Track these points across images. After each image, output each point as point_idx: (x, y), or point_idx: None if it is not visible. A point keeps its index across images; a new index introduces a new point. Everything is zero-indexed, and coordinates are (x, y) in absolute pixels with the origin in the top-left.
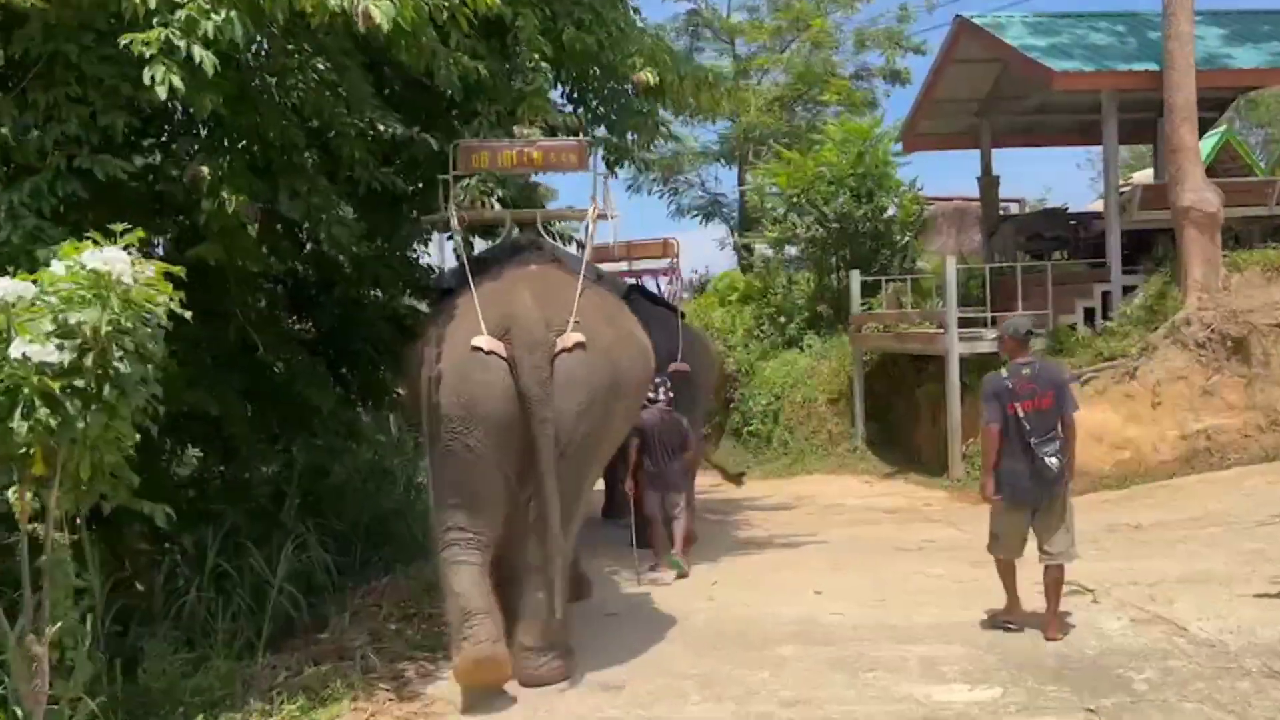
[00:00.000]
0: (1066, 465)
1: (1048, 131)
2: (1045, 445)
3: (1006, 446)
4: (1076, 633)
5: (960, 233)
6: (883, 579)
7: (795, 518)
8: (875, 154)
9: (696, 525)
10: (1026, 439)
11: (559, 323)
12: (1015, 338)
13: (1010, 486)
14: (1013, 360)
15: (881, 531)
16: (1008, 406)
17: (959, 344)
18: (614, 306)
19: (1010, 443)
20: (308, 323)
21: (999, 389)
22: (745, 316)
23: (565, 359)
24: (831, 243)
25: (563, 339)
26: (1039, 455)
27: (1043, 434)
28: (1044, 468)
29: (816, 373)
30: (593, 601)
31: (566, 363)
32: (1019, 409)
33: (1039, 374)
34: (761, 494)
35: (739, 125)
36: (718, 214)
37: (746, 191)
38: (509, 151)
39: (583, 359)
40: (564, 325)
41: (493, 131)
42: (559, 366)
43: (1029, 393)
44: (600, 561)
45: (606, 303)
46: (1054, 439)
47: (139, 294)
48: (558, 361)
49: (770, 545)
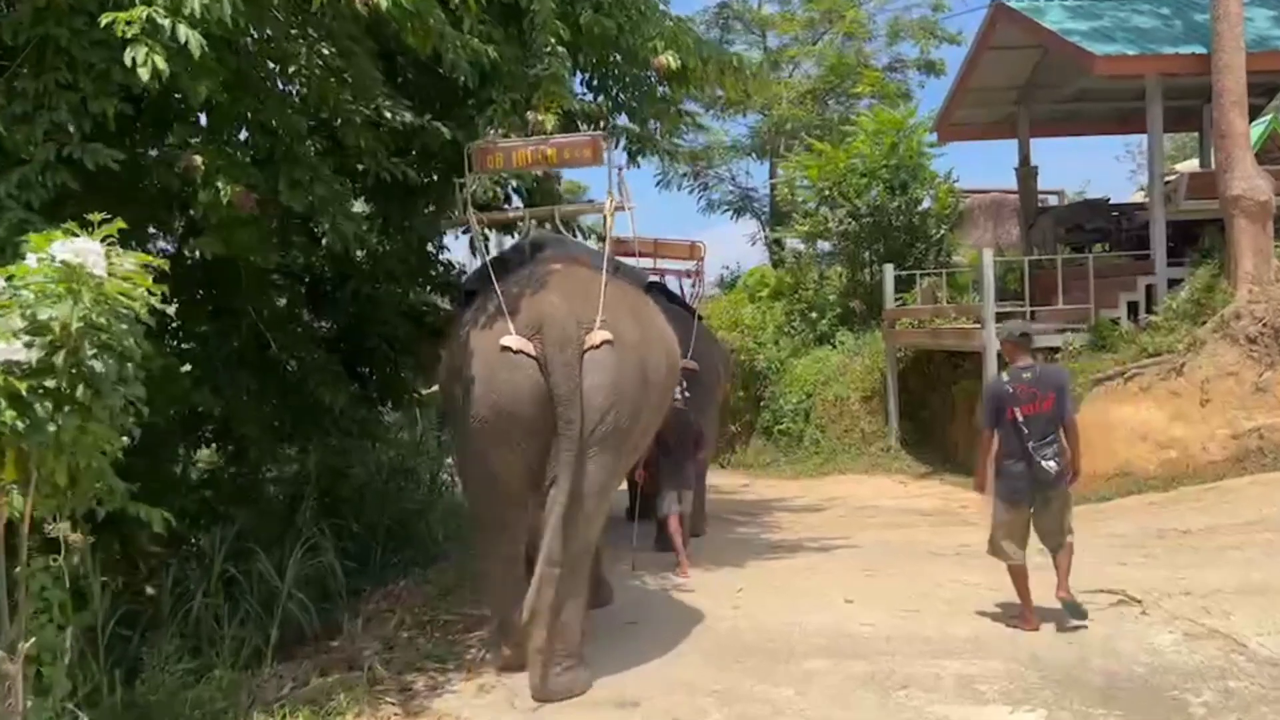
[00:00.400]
0: (1066, 467)
1: (1088, 120)
2: (1044, 449)
3: (1006, 449)
4: (1125, 648)
5: (997, 226)
6: (916, 587)
7: (826, 520)
8: (909, 145)
9: (720, 527)
10: (1025, 442)
11: (587, 320)
12: (1012, 341)
13: (1009, 489)
14: (1013, 364)
15: (916, 535)
16: (1007, 410)
17: (996, 340)
18: (639, 301)
19: (1009, 445)
20: (328, 320)
21: (999, 393)
22: (776, 313)
23: (594, 355)
24: (864, 236)
25: (590, 336)
26: (1036, 458)
27: (1041, 437)
28: (1041, 470)
29: (849, 370)
30: (612, 608)
31: (595, 360)
32: (1018, 413)
33: (1040, 378)
34: (792, 495)
35: (770, 118)
36: (749, 209)
37: (777, 185)
38: (523, 150)
39: (611, 355)
40: (591, 322)
41: (508, 119)
42: (587, 364)
43: (1029, 396)
44: (622, 566)
45: (631, 297)
46: (1052, 442)
47: (114, 288)
48: (586, 359)
49: (800, 549)
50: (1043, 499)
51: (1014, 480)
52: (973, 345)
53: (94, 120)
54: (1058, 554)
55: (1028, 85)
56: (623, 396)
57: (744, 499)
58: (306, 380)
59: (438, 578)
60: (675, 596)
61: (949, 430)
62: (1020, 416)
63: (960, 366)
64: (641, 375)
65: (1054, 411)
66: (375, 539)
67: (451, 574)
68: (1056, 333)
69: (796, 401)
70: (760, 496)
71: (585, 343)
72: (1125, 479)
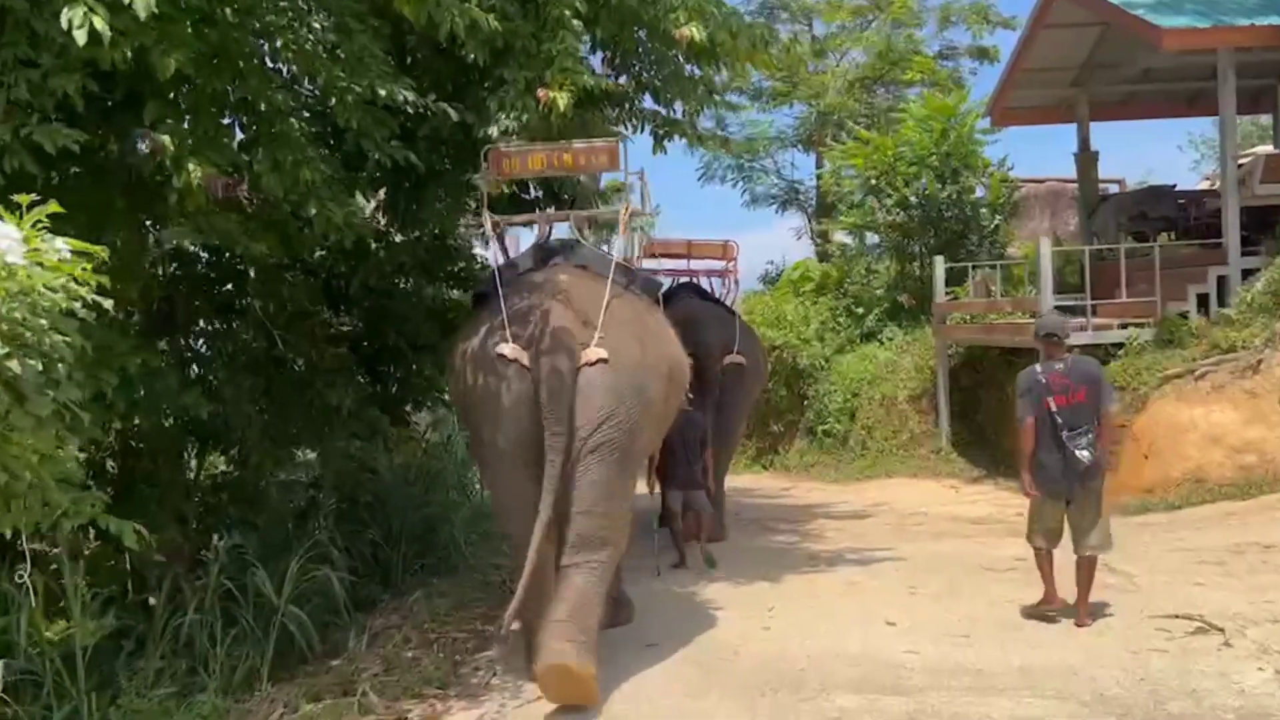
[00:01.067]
0: (1101, 458)
1: (1152, 102)
2: (1078, 439)
3: (1041, 440)
4: (1206, 687)
5: (1054, 216)
6: (967, 608)
7: (870, 529)
8: (960, 131)
9: (757, 535)
10: (1059, 433)
11: (584, 335)
12: (1044, 336)
13: (1044, 479)
14: (1047, 357)
15: (967, 547)
16: (1043, 401)
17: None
18: (644, 314)
19: (1044, 436)
20: (345, 318)
21: (1033, 384)
22: (820, 308)
23: (587, 373)
24: (914, 228)
25: (586, 353)
26: (1070, 448)
27: (1075, 428)
28: (1075, 460)
29: (897, 368)
30: (633, 627)
31: (589, 376)
32: (1052, 404)
33: (1072, 369)
34: (836, 500)
35: (816, 108)
36: (794, 202)
37: (822, 175)
38: (540, 155)
39: (605, 373)
40: (589, 338)
41: (522, 99)
42: (581, 380)
43: (1062, 388)
44: (647, 583)
45: (636, 311)
46: (1087, 433)
47: (40, 279)
48: (580, 375)
49: (840, 561)
50: (1080, 490)
51: (1049, 471)
52: (1029, 341)
53: (59, 99)
54: (1083, 565)
55: (1087, 65)
56: (616, 413)
57: (784, 504)
58: (315, 381)
59: (454, 589)
60: (701, 615)
61: (1003, 432)
62: (1054, 407)
63: (1016, 364)
64: (638, 392)
65: (1089, 403)
66: (396, 546)
67: (468, 585)
68: (1119, 328)
69: (842, 401)
70: (801, 501)
71: (580, 359)
72: (1197, 486)
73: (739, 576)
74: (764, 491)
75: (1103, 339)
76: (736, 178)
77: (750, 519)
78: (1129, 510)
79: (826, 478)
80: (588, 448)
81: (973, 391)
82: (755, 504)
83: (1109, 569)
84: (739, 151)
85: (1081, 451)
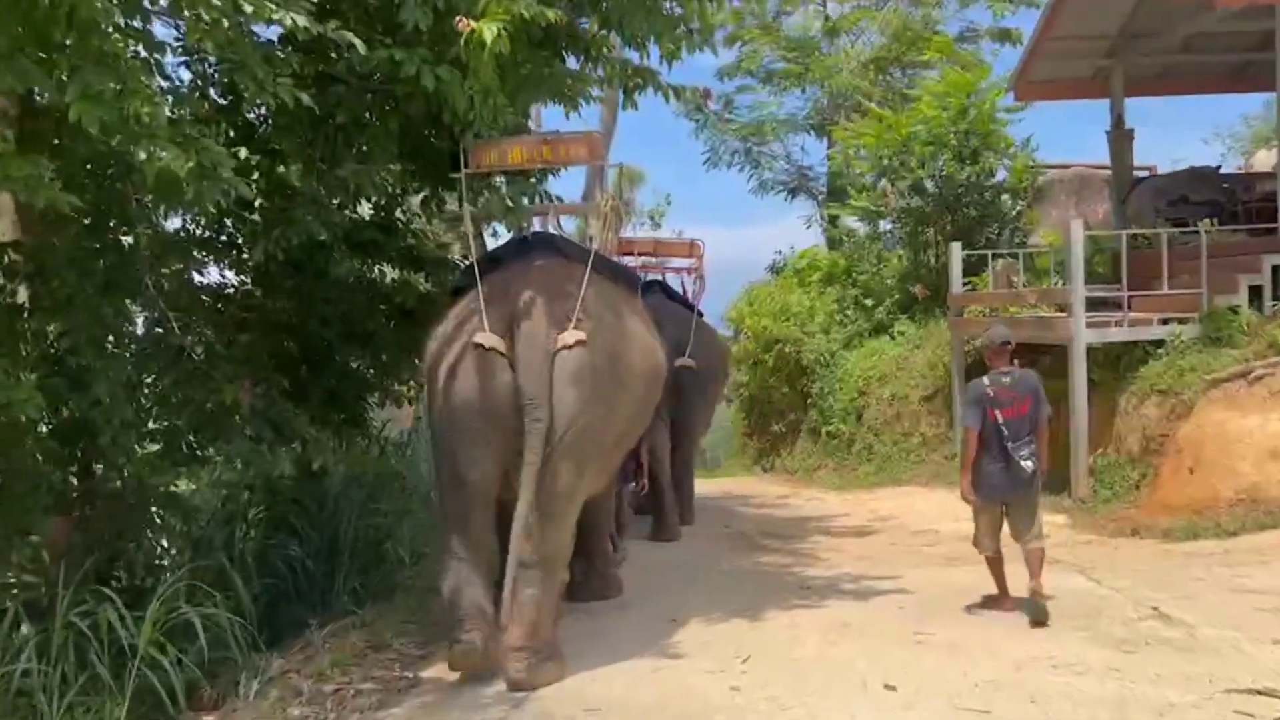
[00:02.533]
0: (1039, 467)
1: (1195, 76)
2: (1022, 448)
3: (987, 450)
4: None
5: (1080, 204)
6: (987, 667)
7: (874, 548)
8: (981, 108)
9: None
10: (1004, 443)
11: (560, 320)
12: (994, 347)
13: (988, 485)
14: (993, 368)
15: (985, 577)
16: (988, 412)
17: (1087, 331)
18: (622, 303)
19: (989, 446)
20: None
21: (981, 396)
22: (827, 299)
23: (565, 356)
24: (929, 212)
25: (563, 337)
26: (1015, 457)
27: (1019, 438)
28: (1019, 469)
29: (908, 364)
30: (568, 688)
31: (566, 360)
32: (999, 415)
33: (1018, 382)
34: (837, 512)
35: (828, 90)
36: (804, 189)
37: (831, 155)
38: (518, 148)
39: (582, 357)
40: (565, 323)
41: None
42: (558, 364)
43: (1009, 400)
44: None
45: (614, 299)
46: (1030, 443)
47: None
48: (557, 359)
49: (834, 593)
50: (1019, 496)
51: (992, 478)
52: (1057, 337)
53: None
54: (1029, 553)
55: (1123, 34)
56: (593, 399)
57: (780, 515)
58: (213, 372)
59: (385, 616)
60: (657, 671)
61: None
62: (1001, 419)
63: (1039, 362)
64: (616, 379)
65: (1030, 414)
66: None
67: (404, 611)
68: (1160, 323)
69: (848, 400)
70: (799, 513)
71: (557, 344)
72: (1253, 507)
73: (714, 610)
74: (760, 499)
75: (1140, 336)
76: (744, 163)
77: (740, 531)
78: (1174, 535)
79: (830, 484)
80: (567, 437)
81: None
82: (749, 514)
83: (1162, 618)
84: (746, 135)
85: (1025, 461)
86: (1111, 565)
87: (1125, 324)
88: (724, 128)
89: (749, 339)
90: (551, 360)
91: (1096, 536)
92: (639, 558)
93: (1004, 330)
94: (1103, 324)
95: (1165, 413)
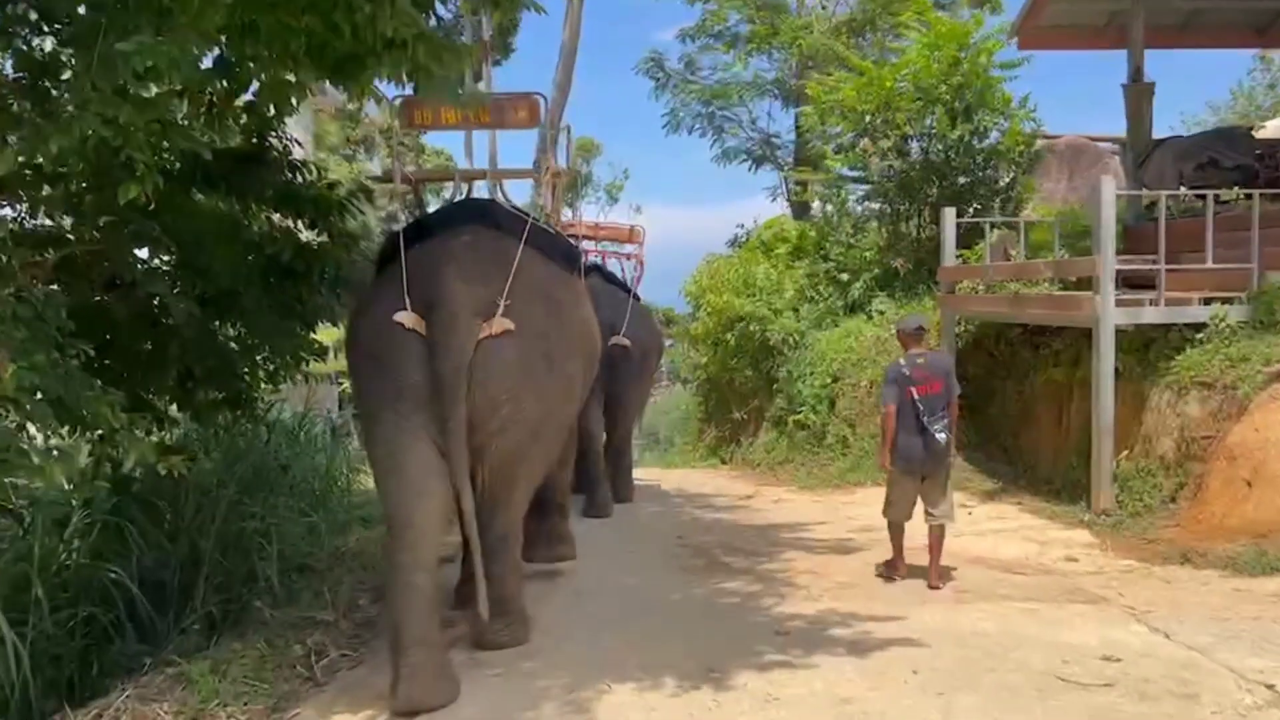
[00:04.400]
0: (950, 440)
1: (1216, 28)
2: (936, 423)
3: (904, 425)
4: None
5: (1074, 176)
6: None
7: (861, 573)
8: (975, 60)
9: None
10: (921, 418)
11: (488, 303)
12: (909, 333)
13: (905, 458)
14: (908, 351)
15: (1017, 624)
16: (905, 391)
17: (1116, 311)
18: (555, 280)
19: (907, 421)
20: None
21: (899, 376)
22: (796, 273)
23: (489, 345)
24: (914, 177)
25: (488, 324)
26: (930, 431)
27: (933, 413)
28: (934, 441)
29: (888, 347)
30: None
31: (489, 349)
32: (915, 393)
33: (931, 363)
34: (809, 519)
35: (795, 53)
36: (770, 158)
37: (803, 114)
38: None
39: (508, 345)
40: (493, 308)
41: None
42: (482, 352)
43: (923, 379)
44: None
45: (547, 276)
46: (943, 418)
47: None
48: (480, 347)
49: (820, 645)
50: (934, 467)
51: (910, 451)
52: (1077, 318)
53: None
54: (933, 533)
55: None
56: (521, 390)
57: (743, 522)
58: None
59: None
60: None
61: (1024, 433)
62: (916, 395)
63: (1045, 347)
64: (547, 363)
65: (943, 393)
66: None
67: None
68: (1201, 303)
69: (819, 386)
70: (766, 518)
71: (482, 330)
72: None
73: (660, 671)
74: (721, 498)
75: (1177, 318)
76: (706, 127)
77: (697, 543)
78: (1241, 566)
79: (798, 481)
80: (494, 424)
81: (984, 382)
82: (707, 521)
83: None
84: (709, 98)
85: (939, 434)
86: (1175, 609)
87: (1161, 303)
88: (686, 89)
89: (709, 316)
90: (475, 349)
91: (1137, 562)
92: (572, 578)
93: (918, 318)
94: (1134, 303)
95: (1210, 411)
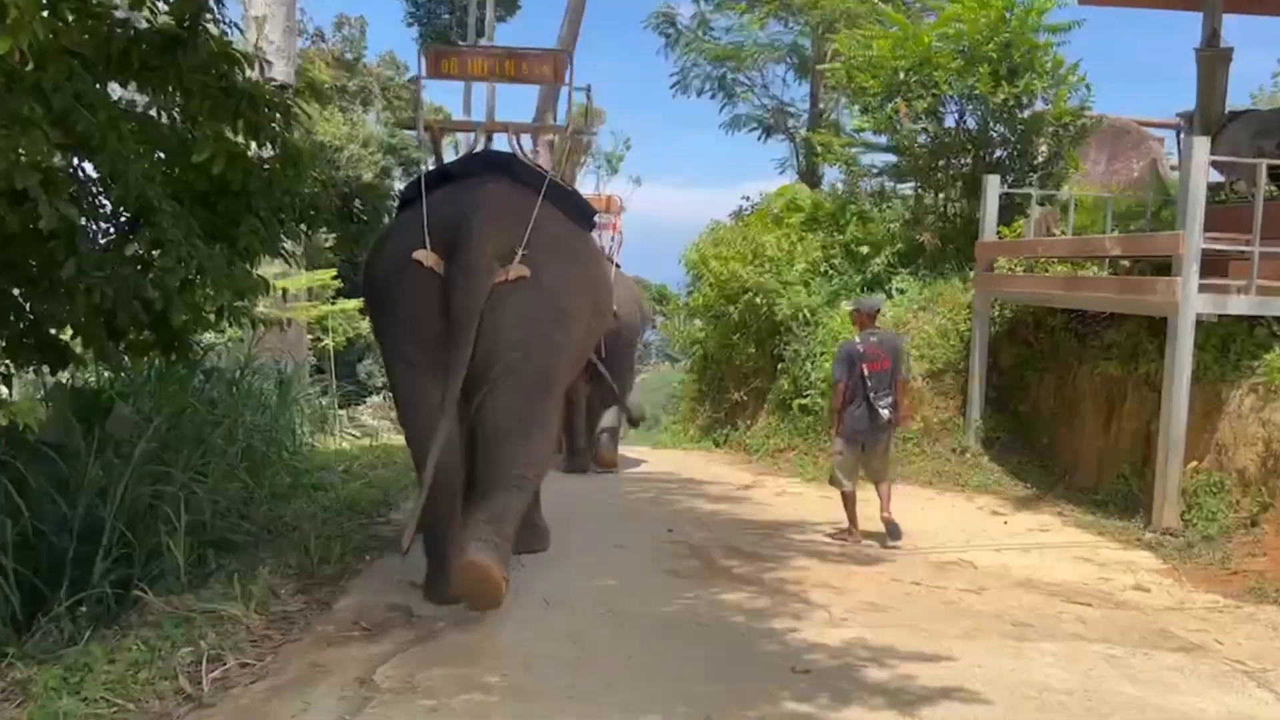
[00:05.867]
0: (895, 416)
1: None
2: (882, 398)
3: (852, 398)
4: None
5: (1114, 159)
6: None
7: (888, 589)
8: (1024, 16)
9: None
10: (868, 393)
11: (506, 250)
12: (866, 312)
13: (851, 429)
14: (862, 330)
15: (1095, 671)
16: (858, 366)
17: (1198, 297)
18: (571, 235)
19: (855, 395)
20: None
21: (853, 353)
22: (810, 244)
23: (504, 290)
24: (949, 144)
25: (505, 270)
26: (876, 406)
27: (879, 390)
28: (878, 415)
29: (910, 330)
30: None
31: (504, 295)
32: (865, 369)
33: (883, 342)
34: (819, 517)
35: (814, 17)
36: (781, 127)
37: (827, 72)
38: (481, 59)
39: (522, 292)
40: (510, 254)
41: None
42: (496, 297)
43: (874, 356)
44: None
45: (563, 231)
46: (890, 394)
47: None
48: (495, 292)
49: (852, 696)
50: (875, 439)
51: (856, 422)
52: (1151, 304)
53: None
54: (880, 486)
55: None
56: (532, 333)
57: (743, 517)
58: None
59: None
60: None
61: (1064, 433)
62: (867, 372)
63: (1094, 336)
64: (559, 312)
65: (890, 371)
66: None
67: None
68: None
69: (830, 369)
70: (769, 516)
71: (499, 275)
72: None
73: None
74: (716, 486)
75: (1268, 310)
76: (716, 90)
77: (690, 539)
78: None
79: (802, 472)
80: (498, 370)
81: (1017, 373)
82: (702, 513)
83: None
84: (721, 58)
85: (884, 410)
86: None
87: (1252, 290)
88: (697, 46)
89: (710, 286)
90: (489, 292)
91: (1224, 599)
92: (541, 580)
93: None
94: (1219, 289)
95: None
